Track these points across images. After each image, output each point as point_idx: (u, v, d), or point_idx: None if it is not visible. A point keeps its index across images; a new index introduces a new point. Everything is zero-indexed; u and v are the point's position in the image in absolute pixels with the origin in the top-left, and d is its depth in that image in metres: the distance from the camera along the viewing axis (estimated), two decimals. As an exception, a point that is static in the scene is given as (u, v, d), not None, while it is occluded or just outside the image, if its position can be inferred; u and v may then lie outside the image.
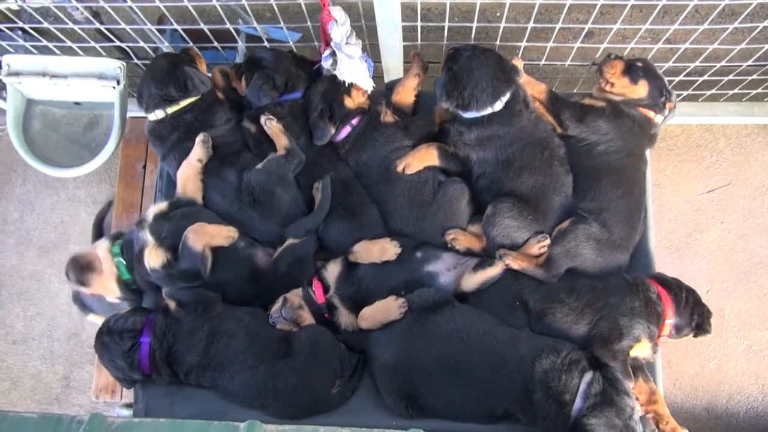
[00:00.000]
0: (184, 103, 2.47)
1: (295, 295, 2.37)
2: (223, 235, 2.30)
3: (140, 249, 2.32)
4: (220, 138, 2.51)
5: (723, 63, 2.70)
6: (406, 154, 2.45)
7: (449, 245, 2.39)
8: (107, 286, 2.43)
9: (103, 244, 2.43)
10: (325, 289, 2.38)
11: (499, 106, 2.34)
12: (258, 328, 2.29)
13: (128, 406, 2.49)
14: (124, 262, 2.38)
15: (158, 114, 2.48)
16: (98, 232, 3.31)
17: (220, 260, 2.31)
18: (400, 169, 2.42)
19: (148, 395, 2.38)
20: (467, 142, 2.39)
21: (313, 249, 2.41)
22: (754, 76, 2.89)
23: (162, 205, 2.41)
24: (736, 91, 3.03)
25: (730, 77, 2.87)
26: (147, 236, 2.31)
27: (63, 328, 3.48)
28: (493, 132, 2.35)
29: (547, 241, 2.31)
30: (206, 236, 2.26)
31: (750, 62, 2.71)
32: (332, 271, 2.40)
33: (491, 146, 2.36)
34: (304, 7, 2.28)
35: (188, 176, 2.43)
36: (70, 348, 3.45)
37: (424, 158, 2.44)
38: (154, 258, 2.27)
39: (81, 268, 2.37)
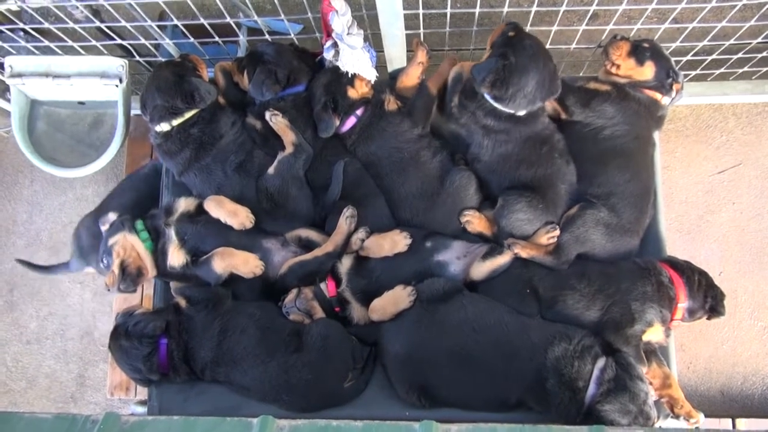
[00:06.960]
0: (188, 114, 2.43)
1: (309, 288, 2.38)
2: (249, 267, 2.29)
3: (164, 243, 2.34)
4: (232, 143, 2.49)
5: (732, 41, 2.65)
6: (418, 145, 2.43)
7: (463, 225, 2.38)
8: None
9: (128, 235, 2.32)
10: (338, 282, 2.37)
11: (524, 113, 2.30)
12: (269, 322, 2.30)
13: (143, 403, 2.51)
14: (152, 243, 2.35)
15: (163, 127, 2.44)
16: None
17: (234, 278, 2.33)
18: None
19: (162, 392, 2.40)
20: (475, 119, 2.34)
21: (327, 266, 2.35)
22: (764, 54, 2.84)
23: (191, 203, 2.42)
24: (745, 69, 2.98)
25: (740, 55, 2.82)
26: (172, 234, 2.33)
27: (76, 327, 3.50)
28: (504, 127, 2.32)
29: (557, 232, 2.30)
30: (231, 264, 2.28)
31: (759, 39, 2.66)
32: (344, 264, 2.40)
33: (493, 136, 2.34)
34: (304, -2, 2.27)
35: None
36: (84, 346, 3.48)
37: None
38: (176, 257, 2.32)
39: (133, 277, 2.30)
